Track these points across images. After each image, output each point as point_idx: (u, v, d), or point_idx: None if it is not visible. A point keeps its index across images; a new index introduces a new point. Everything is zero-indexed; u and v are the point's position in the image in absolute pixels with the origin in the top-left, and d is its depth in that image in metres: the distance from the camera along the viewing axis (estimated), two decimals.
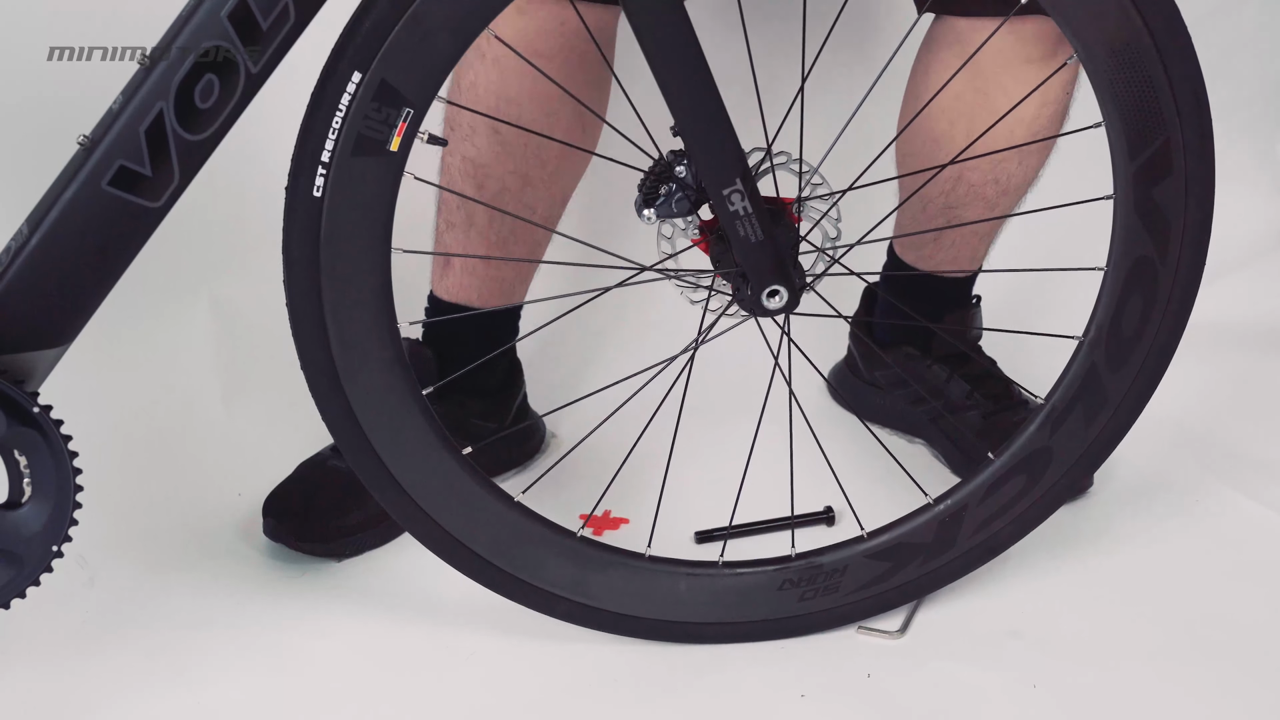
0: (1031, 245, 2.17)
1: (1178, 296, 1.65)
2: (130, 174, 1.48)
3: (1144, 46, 1.54)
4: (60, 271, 1.51)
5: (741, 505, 1.78)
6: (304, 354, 1.59)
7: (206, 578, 1.86)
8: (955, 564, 1.73)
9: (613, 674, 1.70)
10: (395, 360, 1.60)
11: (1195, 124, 1.57)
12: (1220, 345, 2.25)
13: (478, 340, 1.96)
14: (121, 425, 2.09)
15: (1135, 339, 1.66)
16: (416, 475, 1.65)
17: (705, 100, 1.53)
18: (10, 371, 1.53)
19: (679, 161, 1.59)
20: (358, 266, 1.56)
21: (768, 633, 1.72)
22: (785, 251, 1.61)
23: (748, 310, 1.65)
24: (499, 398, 2.02)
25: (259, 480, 1.97)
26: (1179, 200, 1.60)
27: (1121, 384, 1.68)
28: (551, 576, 1.71)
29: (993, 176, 1.95)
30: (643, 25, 1.50)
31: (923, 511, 1.71)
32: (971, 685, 1.66)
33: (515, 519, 1.69)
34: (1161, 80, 1.55)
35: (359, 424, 1.62)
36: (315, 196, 1.52)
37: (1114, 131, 1.58)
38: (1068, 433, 1.69)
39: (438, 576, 1.79)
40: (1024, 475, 1.70)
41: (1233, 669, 1.67)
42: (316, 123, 1.51)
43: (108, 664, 1.72)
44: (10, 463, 1.55)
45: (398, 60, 1.49)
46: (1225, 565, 1.84)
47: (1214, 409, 2.11)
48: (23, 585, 1.57)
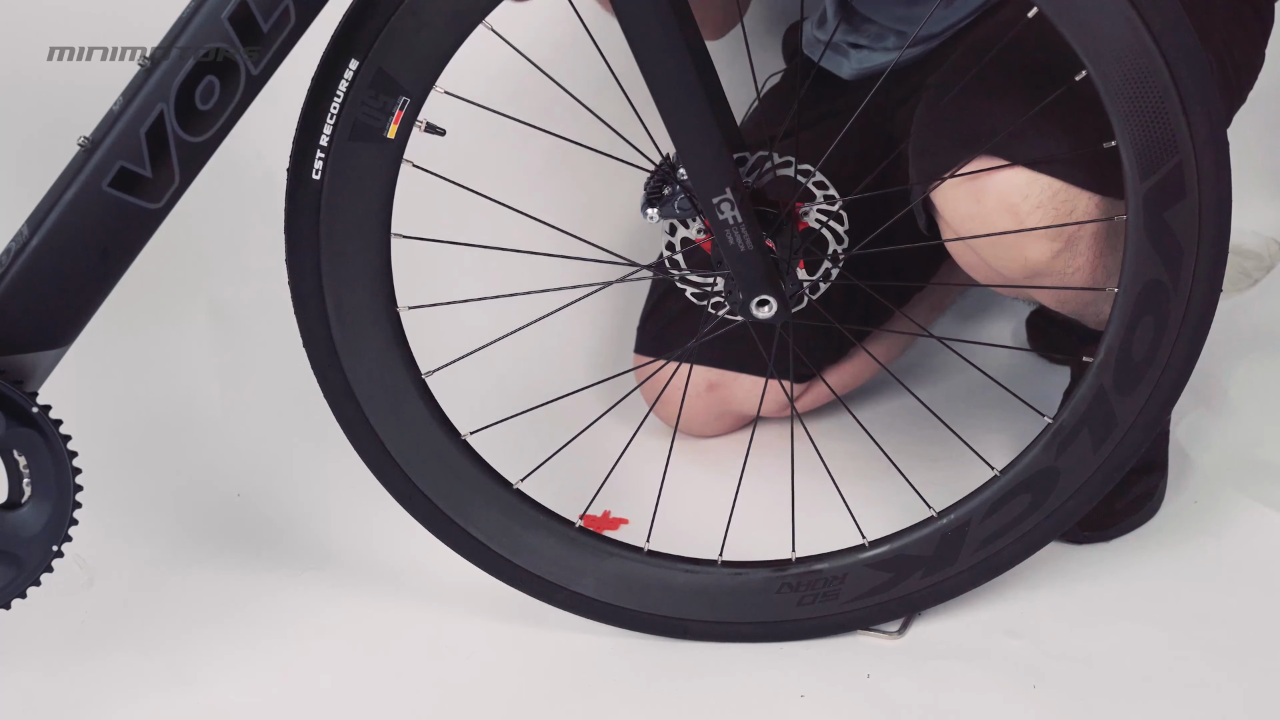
0: None
1: (1191, 323, 1.61)
2: (131, 175, 1.48)
3: (1155, 68, 1.50)
4: (60, 273, 1.51)
5: (741, 506, 1.78)
6: (305, 332, 1.63)
7: (206, 578, 1.87)
8: (956, 579, 1.72)
9: (613, 672, 1.70)
10: (394, 341, 1.63)
11: (1210, 148, 1.54)
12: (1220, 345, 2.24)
13: None
14: (121, 425, 2.10)
15: (1146, 364, 1.63)
16: (415, 456, 1.68)
17: (694, 110, 1.53)
18: (10, 372, 1.53)
19: (681, 163, 1.59)
20: (356, 247, 1.59)
21: (765, 635, 1.72)
22: (778, 261, 1.61)
23: (741, 316, 1.65)
24: None
25: (259, 480, 1.98)
26: (1192, 225, 1.57)
27: (1131, 408, 1.65)
28: (549, 564, 1.72)
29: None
30: (634, 33, 1.51)
31: (925, 524, 1.70)
32: (971, 685, 1.66)
33: (514, 504, 1.70)
34: (1174, 102, 1.52)
35: (358, 402, 1.65)
36: (314, 179, 1.56)
37: (1125, 152, 1.54)
38: (1075, 454, 1.67)
39: (437, 575, 1.80)
40: (1029, 494, 1.68)
41: (1233, 669, 1.67)
42: (315, 107, 1.55)
43: (107, 664, 1.72)
44: (10, 463, 1.55)
45: (394, 49, 1.52)
46: (1225, 565, 1.84)
47: (1214, 409, 2.11)
48: (23, 586, 1.58)
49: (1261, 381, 2.19)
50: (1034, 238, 1.69)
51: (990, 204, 1.69)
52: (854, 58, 2.11)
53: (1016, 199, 1.68)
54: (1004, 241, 1.70)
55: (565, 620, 1.74)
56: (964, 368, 1.91)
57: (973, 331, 2.35)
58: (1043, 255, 1.71)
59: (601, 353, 2.28)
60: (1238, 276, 2.40)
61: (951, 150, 1.69)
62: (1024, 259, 1.71)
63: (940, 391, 2.16)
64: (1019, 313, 2.36)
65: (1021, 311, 2.35)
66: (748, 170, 1.61)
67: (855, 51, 2.11)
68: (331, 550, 1.92)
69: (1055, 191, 1.67)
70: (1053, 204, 1.68)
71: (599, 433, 1.81)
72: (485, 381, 1.98)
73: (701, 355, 2.04)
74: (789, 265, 1.63)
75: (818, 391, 2.10)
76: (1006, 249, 1.71)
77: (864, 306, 2.02)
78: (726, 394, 2.08)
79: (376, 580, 1.86)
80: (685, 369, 2.02)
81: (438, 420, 1.68)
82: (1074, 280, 1.73)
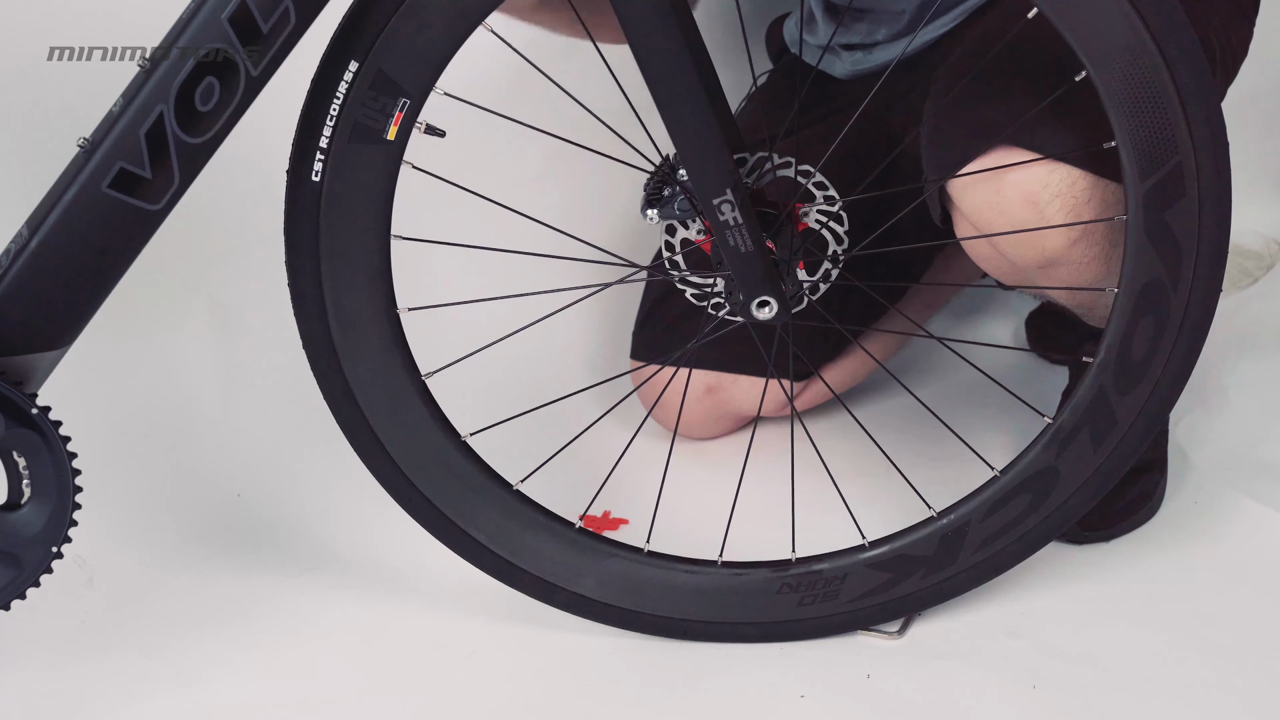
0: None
1: (1191, 323, 1.61)
2: (130, 176, 1.48)
3: (1155, 68, 1.50)
4: (60, 274, 1.51)
5: (741, 506, 1.78)
6: (305, 333, 1.63)
7: (206, 578, 1.87)
8: (957, 579, 1.71)
9: (613, 673, 1.70)
10: (394, 342, 1.63)
11: (1210, 150, 1.54)
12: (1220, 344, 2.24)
13: None
14: (121, 425, 2.10)
15: (1146, 364, 1.63)
16: (415, 457, 1.68)
17: (694, 111, 1.54)
18: (9, 373, 1.53)
19: (681, 165, 1.59)
20: (356, 249, 1.59)
21: (765, 635, 1.72)
22: (778, 262, 1.61)
23: (741, 317, 1.65)
24: None
25: (259, 480, 1.97)
26: (1192, 225, 1.57)
27: (1131, 408, 1.65)
28: (549, 565, 1.72)
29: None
30: (635, 34, 1.51)
31: (925, 524, 1.70)
32: (971, 685, 1.66)
33: (514, 505, 1.70)
34: (1173, 102, 1.52)
35: (358, 404, 1.65)
36: (314, 180, 1.56)
37: (1125, 151, 1.54)
38: (1075, 454, 1.67)
39: (437, 575, 1.80)
40: (1029, 494, 1.68)
41: (1233, 669, 1.67)
42: (315, 109, 1.55)
43: (107, 664, 1.72)
44: (9, 464, 1.55)
45: (394, 51, 1.52)
46: (1225, 565, 1.84)
47: (1214, 409, 2.11)
48: (22, 587, 1.58)
49: (1261, 381, 2.19)
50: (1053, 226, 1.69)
51: (1010, 194, 1.68)
52: (846, 58, 2.11)
53: (1036, 188, 1.67)
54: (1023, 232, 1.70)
55: (565, 620, 1.74)
56: (963, 366, 1.91)
57: (972, 330, 2.35)
58: (1061, 244, 1.70)
59: (601, 354, 2.28)
60: (1238, 275, 2.40)
61: (968, 140, 1.69)
62: (1041, 248, 1.71)
63: (940, 390, 2.16)
64: (1018, 311, 2.36)
65: (1021, 310, 2.35)
66: (748, 171, 1.61)
67: (848, 53, 2.11)
68: (331, 550, 1.92)
69: (1074, 180, 1.67)
70: (1071, 193, 1.68)
71: (599, 434, 1.81)
72: (485, 383, 1.98)
73: (699, 358, 2.04)
74: (789, 266, 1.63)
75: (816, 389, 2.11)
76: (1024, 238, 1.70)
77: (860, 305, 2.02)
78: (725, 396, 2.08)
79: (376, 580, 1.86)
80: (683, 373, 2.02)
81: (438, 421, 1.67)
82: (1088, 268, 1.73)
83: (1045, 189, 1.67)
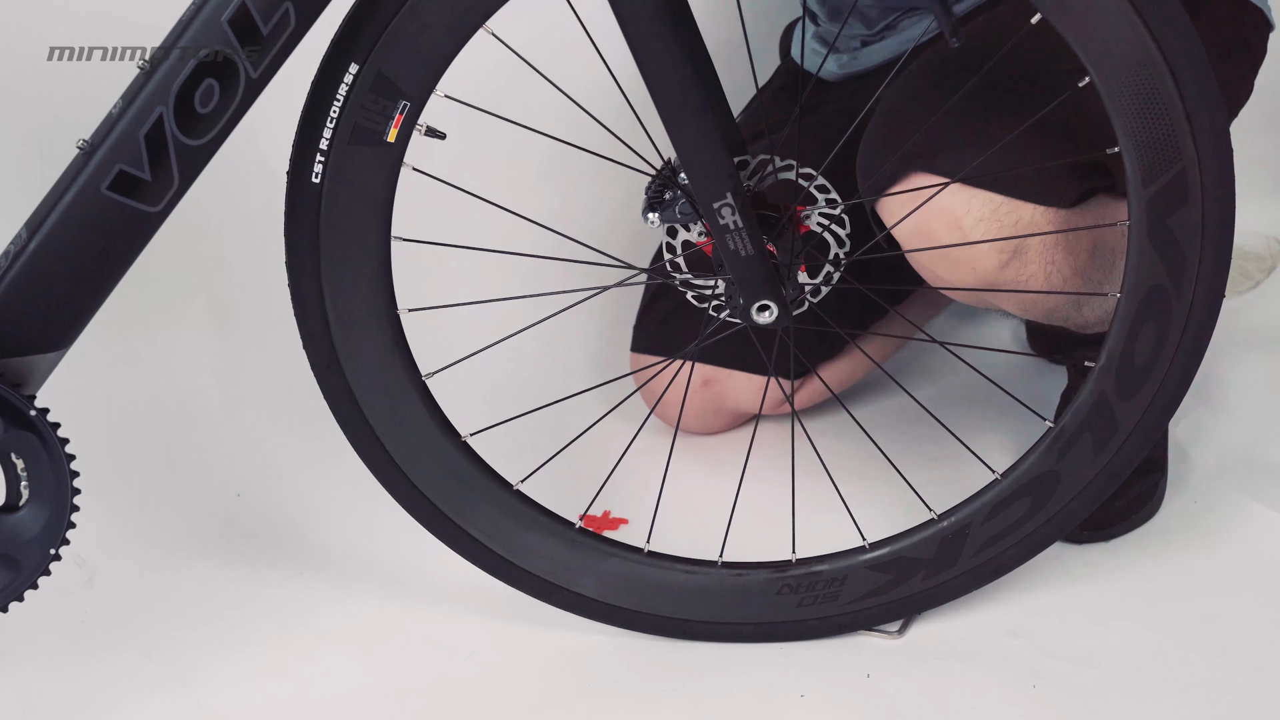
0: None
1: (1193, 328, 1.61)
2: (129, 179, 1.48)
3: (1159, 74, 1.50)
4: (59, 276, 1.51)
5: (741, 506, 1.78)
6: (305, 333, 1.63)
7: (206, 578, 1.87)
8: (957, 582, 1.71)
9: (613, 672, 1.71)
10: (395, 343, 1.63)
11: (1214, 156, 1.54)
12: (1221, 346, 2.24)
13: None
14: (121, 426, 2.10)
15: (1148, 369, 1.62)
16: (415, 457, 1.68)
17: (695, 114, 1.53)
18: (8, 375, 1.53)
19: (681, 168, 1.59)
20: (356, 250, 1.59)
21: (765, 636, 1.72)
22: (779, 267, 1.61)
23: (742, 320, 1.64)
24: None
25: (259, 480, 1.97)
26: (1195, 231, 1.56)
27: (1133, 413, 1.65)
28: (549, 564, 1.72)
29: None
30: (634, 37, 1.51)
31: (926, 526, 1.70)
32: (971, 685, 1.66)
33: (514, 504, 1.70)
34: (1177, 108, 1.51)
35: (358, 404, 1.65)
36: (314, 182, 1.56)
37: (1128, 157, 1.54)
38: (1076, 459, 1.67)
39: (437, 575, 1.80)
40: (1029, 498, 1.68)
41: (1233, 669, 1.67)
42: (315, 110, 1.54)
43: (107, 664, 1.72)
44: (8, 466, 1.55)
45: (394, 53, 1.52)
46: (1225, 565, 1.84)
47: (1214, 409, 2.11)
48: (20, 588, 1.58)
49: (1262, 381, 2.19)
50: (982, 250, 1.73)
51: (935, 220, 1.72)
52: (833, 60, 2.11)
53: (960, 213, 1.71)
54: (953, 255, 1.74)
55: (565, 620, 1.74)
56: (963, 367, 1.92)
57: (973, 332, 2.34)
58: (991, 266, 1.74)
59: (601, 354, 2.28)
60: (1239, 278, 2.40)
61: (892, 168, 1.73)
62: (973, 270, 1.75)
63: (939, 391, 2.16)
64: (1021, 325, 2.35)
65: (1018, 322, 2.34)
66: (749, 174, 1.61)
67: (833, 55, 2.11)
68: (331, 550, 1.92)
69: (997, 205, 1.71)
70: (995, 217, 1.71)
71: (599, 433, 1.81)
72: (485, 383, 1.98)
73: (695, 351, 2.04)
74: (790, 270, 1.63)
75: (813, 387, 2.11)
76: (956, 262, 1.74)
77: (859, 306, 2.02)
78: (721, 390, 2.08)
79: (376, 580, 1.86)
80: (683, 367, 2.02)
81: (438, 422, 1.67)
82: (1040, 289, 1.76)
83: (968, 214, 1.71)
